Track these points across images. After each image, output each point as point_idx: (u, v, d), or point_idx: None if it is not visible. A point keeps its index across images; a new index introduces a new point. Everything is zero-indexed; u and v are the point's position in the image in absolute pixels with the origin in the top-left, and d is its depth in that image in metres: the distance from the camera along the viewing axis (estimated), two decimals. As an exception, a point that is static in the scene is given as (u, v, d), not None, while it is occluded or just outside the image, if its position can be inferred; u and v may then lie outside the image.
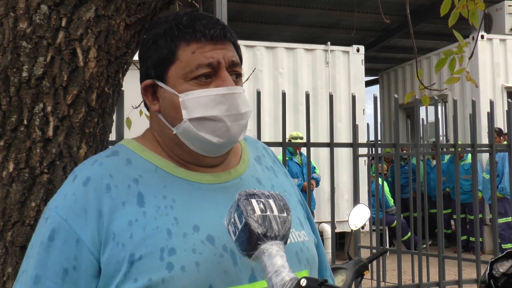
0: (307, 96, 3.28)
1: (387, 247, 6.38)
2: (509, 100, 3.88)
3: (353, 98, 3.50)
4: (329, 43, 7.97)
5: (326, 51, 7.86)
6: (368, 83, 13.89)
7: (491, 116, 3.78)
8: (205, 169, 1.06)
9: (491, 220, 5.74)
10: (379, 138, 5.03)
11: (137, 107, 2.64)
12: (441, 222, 3.70)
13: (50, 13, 1.24)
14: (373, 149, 3.85)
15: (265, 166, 1.18)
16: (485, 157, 7.50)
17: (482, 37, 8.09)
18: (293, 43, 8.40)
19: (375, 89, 15.77)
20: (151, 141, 1.08)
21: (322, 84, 7.79)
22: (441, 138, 8.91)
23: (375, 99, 3.59)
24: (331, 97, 3.39)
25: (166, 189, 1.00)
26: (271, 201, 0.89)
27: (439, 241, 3.78)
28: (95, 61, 1.29)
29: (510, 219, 7.42)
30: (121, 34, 1.34)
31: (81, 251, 0.93)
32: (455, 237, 4.57)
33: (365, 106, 8.03)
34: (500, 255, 1.41)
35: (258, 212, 0.86)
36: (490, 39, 8.28)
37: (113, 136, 1.90)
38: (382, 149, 5.36)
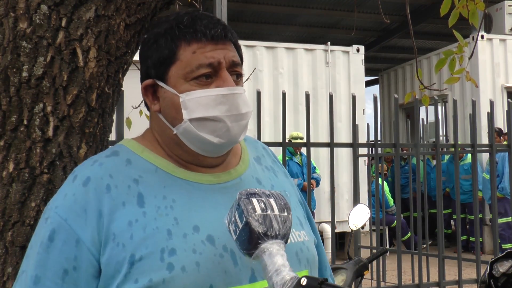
0: (307, 96, 3.28)
1: (387, 247, 6.37)
2: (509, 100, 3.87)
3: (353, 98, 3.50)
4: (329, 43, 7.97)
5: (326, 51, 7.86)
6: (368, 83, 13.89)
7: (491, 116, 3.77)
8: (205, 169, 1.06)
9: (491, 220, 5.74)
10: (379, 138, 5.03)
11: (137, 107, 2.64)
12: (441, 222, 3.70)
13: (50, 13, 1.24)
14: (373, 149, 3.85)
15: (264, 166, 1.18)
16: (485, 157, 7.50)
17: (482, 37, 8.09)
18: (293, 43, 8.40)
19: (375, 89, 15.78)
20: (151, 141, 1.07)
21: (322, 84, 7.78)
22: (441, 138, 8.91)
23: (375, 99, 3.59)
24: (331, 97, 3.39)
25: (166, 189, 1.00)
26: (272, 200, 0.89)
27: (439, 241, 3.78)
28: (95, 61, 1.29)
29: (510, 219, 7.41)
30: (121, 34, 1.34)
31: (81, 251, 0.93)
32: (455, 237, 4.57)
33: (365, 106, 8.03)
34: (500, 255, 1.40)
35: (259, 211, 0.86)
36: (490, 39, 8.29)
37: (113, 136, 1.90)
38: (382, 149, 5.36)
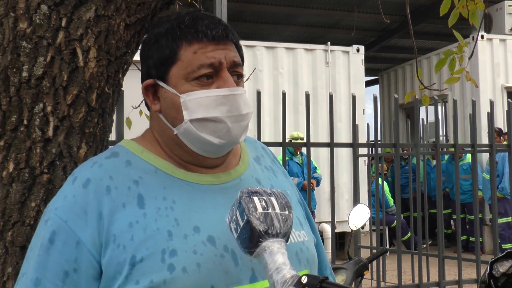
0: (307, 96, 3.27)
1: (387, 247, 6.37)
2: (509, 100, 3.87)
3: (353, 98, 3.50)
4: (329, 43, 7.97)
5: (326, 51, 7.86)
6: (368, 83, 13.89)
7: (491, 116, 3.77)
8: (205, 170, 1.06)
9: (491, 220, 5.74)
10: (379, 138, 5.03)
11: (137, 107, 2.64)
12: (441, 222, 3.70)
13: (50, 13, 1.24)
14: (373, 149, 3.84)
15: (264, 166, 1.18)
16: (485, 157, 7.50)
17: (482, 37, 8.09)
18: (293, 43, 8.40)
19: (375, 89, 15.77)
20: (151, 142, 1.07)
21: (322, 84, 7.78)
22: (441, 138, 8.91)
23: (375, 99, 3.59)
24: (331, 97, 3.39)
25: (166, 190, 1.00)
26: (273, 199, 0.89)
27: (439, 241, 3.78)
28: (95, 61, 1.29)
29: (510, 219, 7.41)
30: (121, 34, 1.34)
31: (82, 253, 0.93)
32: (455, 237, 4.57)
33: (365, 106, 8.03)
34: (500, 255, 1.40)
35: (260, 209, 0.86)
36: (490, 39, 8.28)
37: (113, 136, 1.89)
38: (382, 149, 5.36)
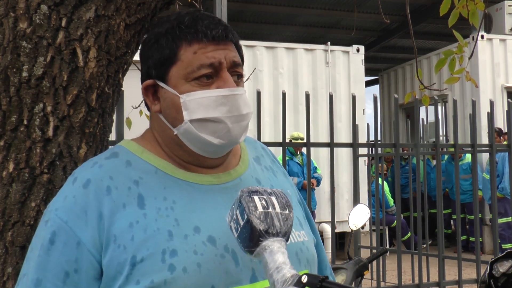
0: (307, 96, 3.27)
1: (387, 247, 6.37)
2: (509, 100, 3.87)
3: (353, 98, 3.50)
4: (329, 43, 7.96)
5: (326, 51, 7.86)
6: (368, 83, 13.89)
7: (491, 116, 3.77)
8: (205, 170, 1.06)
9: (491, 220, 5.74)
10: (379, 138, 5.03)
11: (137, 107, 2.64)
12: (441, 222, 3.70)
13: (50, 13, 1.24)
14: (373, 149, 3.85)
15: (264, 166, 1.18)
16: (485, 157, 7.50)
17: (482, 37, 8.09)
18: (293, 43, 8.40)
19: (375, 89, 15.77)
20: (151, 142, 1.07)
21: (322, 84, 7.78)
22: (441, 138, 8.91)
23: (375, 99, 3.59)
24: (331, 97, 3.39)
25: (166, 190, 1.00)
26: (273, 198, 0.89)
27: (439, 241, 3.78)
28: (95, 61, 1.29)
29: (510, 219, 7.41)
30: (121, 34, 1.34)
31: (82, 253, 0.93)
32: (455, 237, 4.57)
33: (365, 106, 8.02)
34: (500, 255, 1.40)
35: (260, 208, 0.86)
36: (490, 39, 8.28)
37: (113, 136, 1.90)
38: (382, 149, 5.36)
